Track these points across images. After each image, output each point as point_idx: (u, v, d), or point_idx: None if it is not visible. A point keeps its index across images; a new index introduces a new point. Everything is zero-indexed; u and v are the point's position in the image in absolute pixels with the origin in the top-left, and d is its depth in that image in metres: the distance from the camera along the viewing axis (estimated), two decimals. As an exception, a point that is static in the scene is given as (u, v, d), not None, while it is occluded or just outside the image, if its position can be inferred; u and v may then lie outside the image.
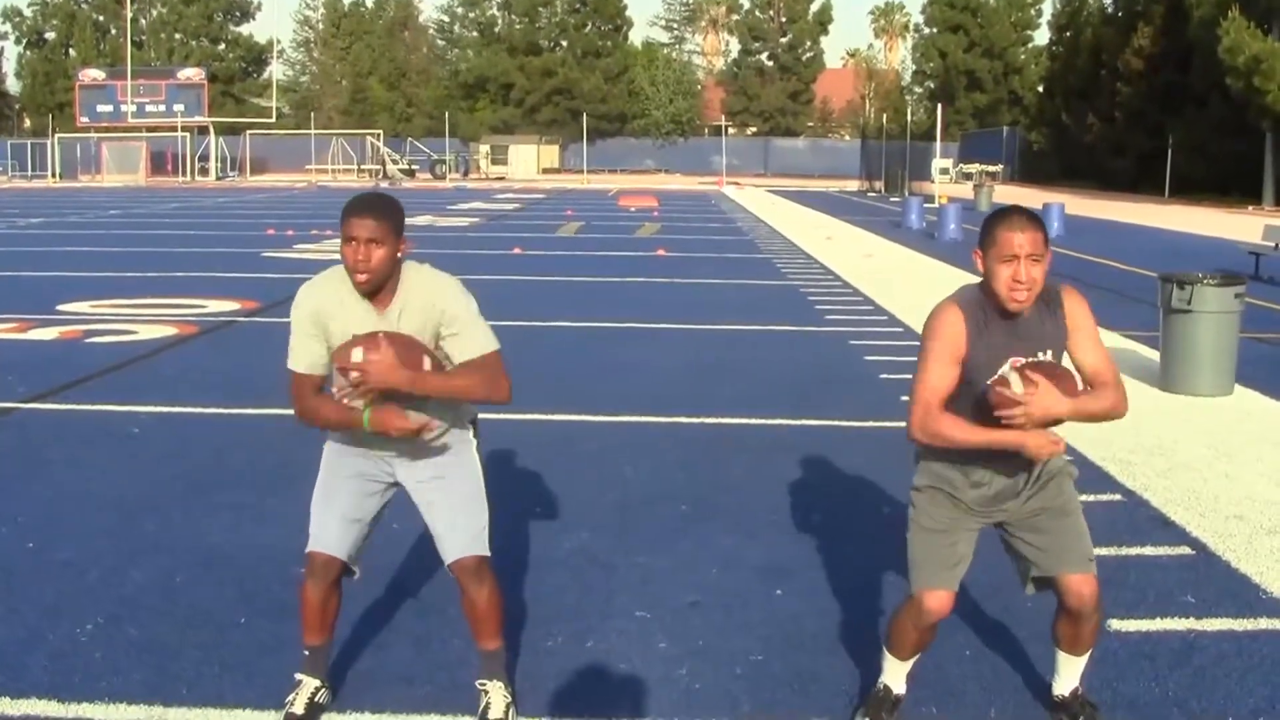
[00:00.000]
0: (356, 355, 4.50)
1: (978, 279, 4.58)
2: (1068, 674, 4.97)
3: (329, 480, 5.01)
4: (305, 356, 4.77)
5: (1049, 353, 4.50)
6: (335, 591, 5.01)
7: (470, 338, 4.71)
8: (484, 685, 4.97)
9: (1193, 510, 8.01)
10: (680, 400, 11.20)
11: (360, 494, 4.97)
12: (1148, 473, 8.80)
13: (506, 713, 4.90)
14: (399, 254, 4.65)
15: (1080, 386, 4.49)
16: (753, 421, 10.43)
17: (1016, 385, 4.33)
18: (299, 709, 4.96)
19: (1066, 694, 4.97)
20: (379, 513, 5.05)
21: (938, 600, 4.68)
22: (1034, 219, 4.45)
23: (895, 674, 4.98)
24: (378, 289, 4.65)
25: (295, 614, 5.99)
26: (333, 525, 4.93)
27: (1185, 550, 7.21)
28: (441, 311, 4.69)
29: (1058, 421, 4.42)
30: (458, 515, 4.88)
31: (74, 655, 5.55)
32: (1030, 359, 4.44)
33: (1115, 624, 5.91)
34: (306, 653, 5.06)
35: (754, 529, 7.51)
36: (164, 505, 7.77)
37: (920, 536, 4.76)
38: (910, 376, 4.74)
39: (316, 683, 5.02)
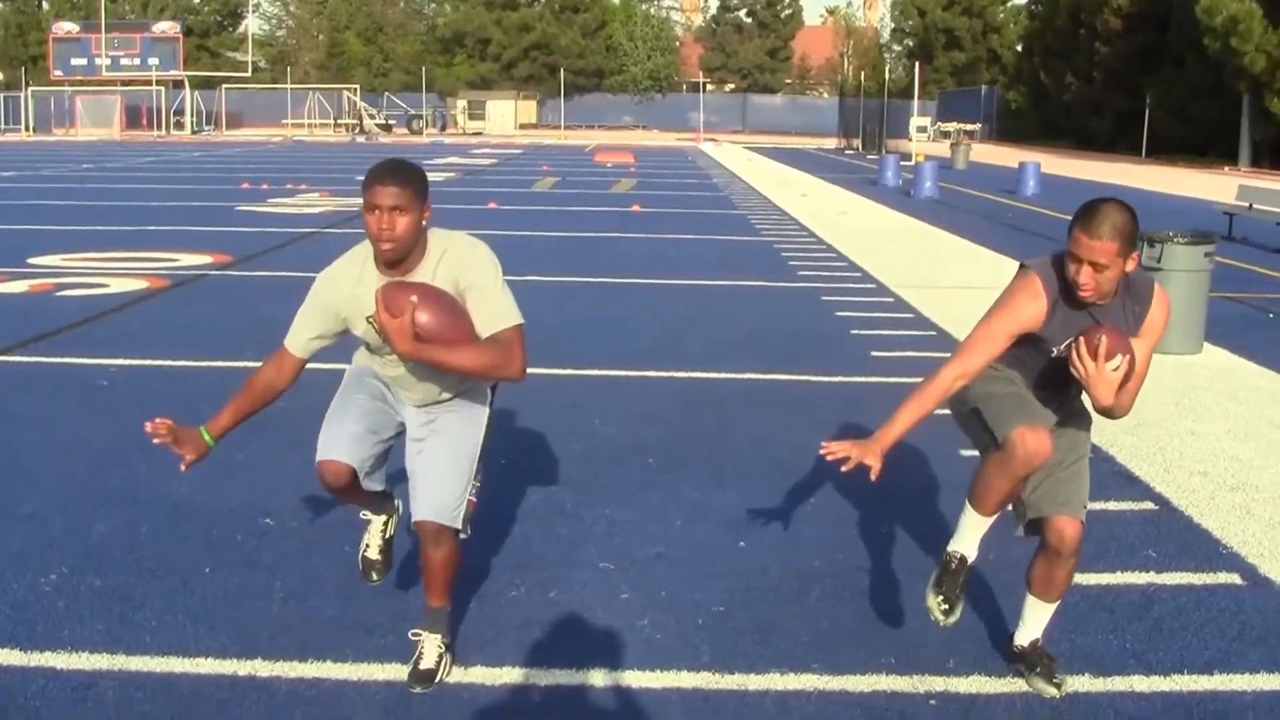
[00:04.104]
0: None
1: (942, 234, 4.59)
2: (1033, 622, 4.98)
3: (345, 397, 5.04)
4: (295, 337, 4.87)
5: None
6: (355, 486, 5.01)
7: (491, 308, 4.66)
8: (419, 636, 4.98)
9: (1157, 466, 8.07)
10: (651, 354, 11.22)
11: (376, 411, 4.99)
12: (1114, 429, 8.81)
13: (438, 664, 4.91)
14: (423, 221, 4.61)
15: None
16: (722, 375, 10.45)
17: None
18: (374, 554, 5.39)
19: (1025, 644, 4.99)
20: (391, 439, 5.05)
21: (1036, 436, 4.46)
22: (1115, 228, 4.32)
23: (972, 538, 4.84)
24: (403, 258, 4.61)
25: (261, 566, 6.06)
26: (344, 435, 4.91)
27: (1148, 505, 7.27)
28: (465, 274, 4.65)
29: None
30: (436, 477, 4.85)
31: (37, 605, 5.55)
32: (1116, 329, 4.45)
33: (1076, 577, 5.93)
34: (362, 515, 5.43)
35: (720, 482, 7.54)
36: (131, 457, 7.74)
37: (997, 398, 4.68)
38: (880, 333, 4.78)
39: (384, 516, 5.28)
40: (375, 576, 5.55)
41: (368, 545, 5.52)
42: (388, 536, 5.36)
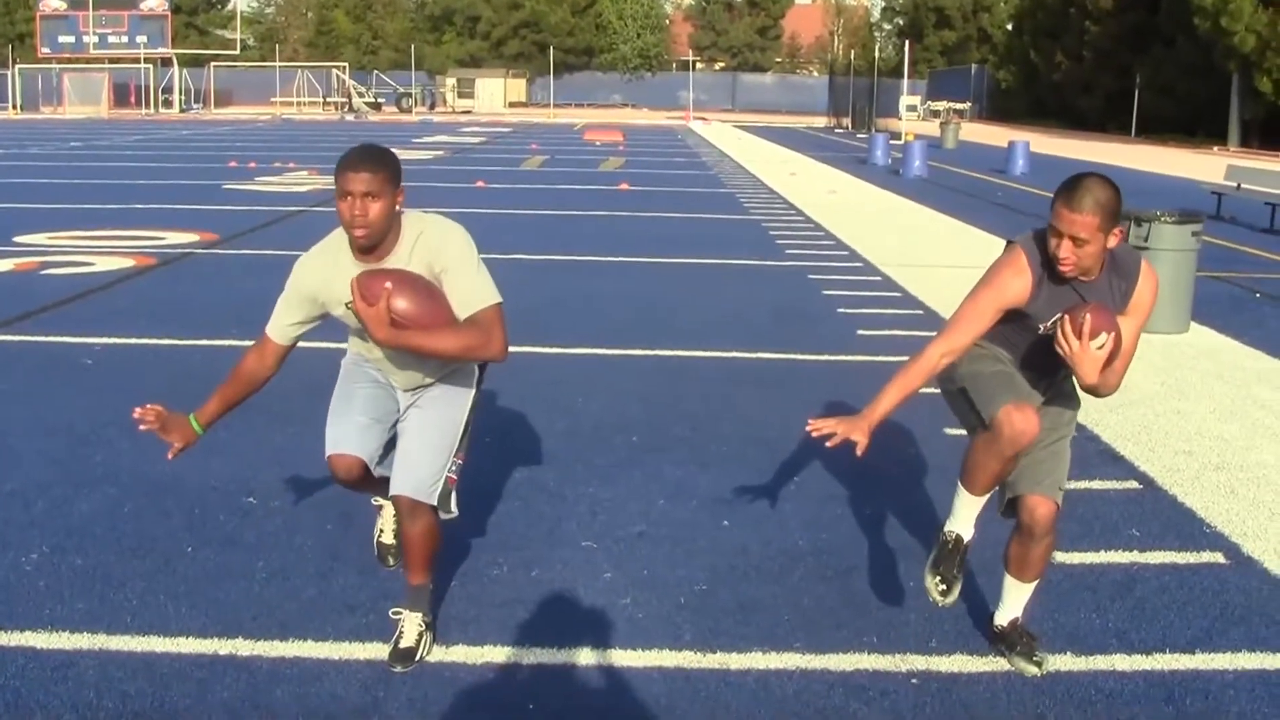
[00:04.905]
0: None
1: (930, 213, 4.58)
2: (1011, 602, 4.99)
3: (346, 387, 5.09)
4: (276, 325, 4.90)
5: None
6: (367, 476, 5.06)
7: (467, 290, 4.65)
8: (399, 614, 4.99)
9: (1142, 445, 8.07)
10: (636, 333, 11.21)
11: (378, 398, 5.04)
12: (1099, 407, 8.80)
13: (418, 642, 4.91)
14: (396, 205, 4.60)
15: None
16: (708, 354, 10.45)
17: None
18: (389, 538, 5.62)
19: (1005, 624, 5.00)
20: (395, 425, 5.06)
21: (1023, 415, 4.45)
22: (1096, 202, 4.30)
23: (966, 517, 4.84)
24: (376, 244, 4.60)
25: (243, 545, 6.04)
26: (351, 427, 4.97)
27: (1133, 484, 7.27)
28: (439, 257, 4.65)
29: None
30: (417, 452, 4.88)
31: (17, 585, 5.53)
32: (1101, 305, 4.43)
33: (1060, 556, 5.93)
34: (374, 501, 5.68)
35: (704, 461, 7.54)
36: (114, 436, 7.72)
37: (984, 376, 4.69)
38: (867, 311, 4.76)
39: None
40: (391, 561, 5.62)
41: (381, 530, 5.66)
42: (399, 523, 5.35)
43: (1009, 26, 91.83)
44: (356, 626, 5.18)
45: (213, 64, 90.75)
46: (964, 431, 4.98)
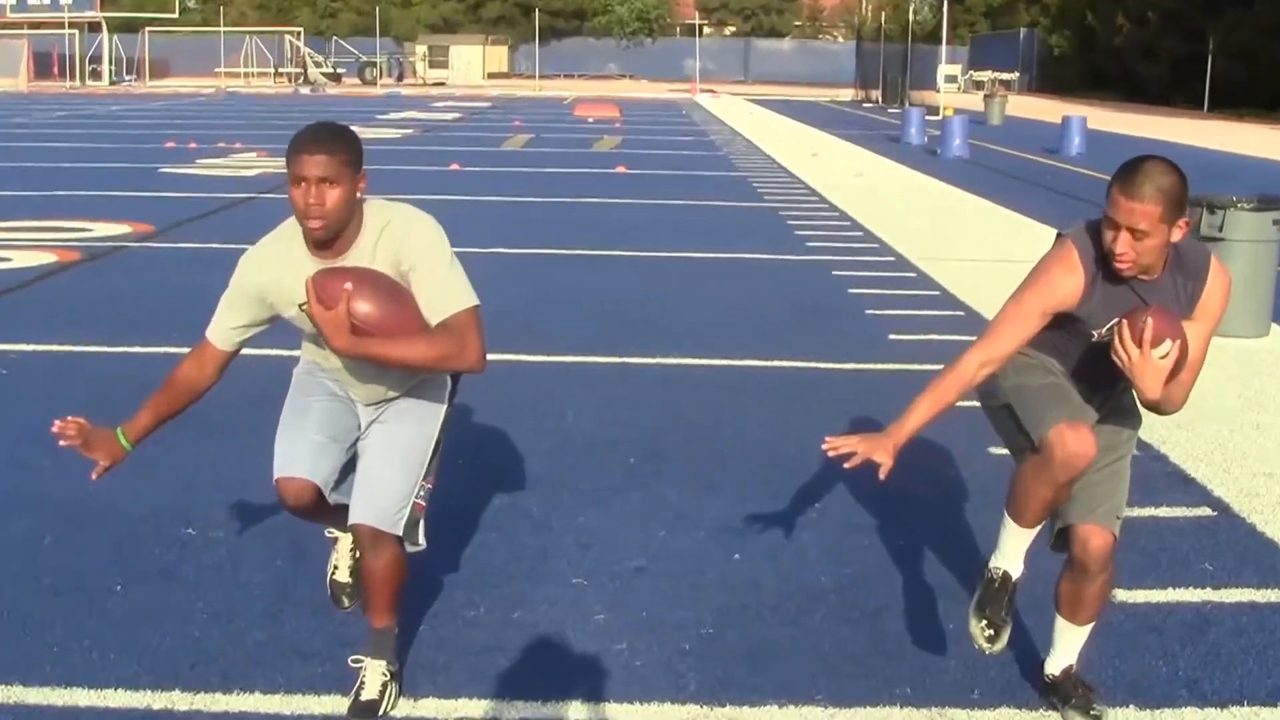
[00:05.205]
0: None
1: (972, 199, 4.57)
2: (1064, 647, 4.98)
3: (299, 400, 5.07)
4: (217, 327, 4.88)
5: None
6: (320, 504, 5.03)
7: (439, 290, 4.64)
8: (360, 662, 4.96)
9: (1216, 466, 8.06)
10: (634, 337, 11.23)
11: (335, 412, 5.02)
12: (1167, 424, 8.77)
13: (382, 694, 4.88)
14: (357, 192, 4.58)
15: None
16: (715, 362, 10.46)
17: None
18: (344, 576, 5.57)
19: (1058, 673, 4.98)
20: (354, 444, 5.04)
21: (1078, 435, 4.43)
22: (1158, 189, 4.27)
23: (1014, 551, 4.81)
24: (335, 237, 4.59)
25: (180, 581, 6.03)
26: (304, 446, 4.93)
27: (1205, 511, 7.26)
28: (407, 252, 4.64)
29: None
30: (380, 475, 4.87)
31: (-79, 628, 5.54)
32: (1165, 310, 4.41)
33: (1121, 594, 5.93)
34: (327, 533, 5.62)
35: (710, 485, 7.53)
36: (33, 457, 7.70)
37: (1031, 390, 4.67)
38: (900, 313, 4.75)
39: (350, 536, 5.20)
40: (346, 602, 5.59)
41: (336, 567, 5.60)
42: (359, 556, 5.31)
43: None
44: (311, 676, 5.16)
45: (148, 29, 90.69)
46: (1011, 453, 4.97)
